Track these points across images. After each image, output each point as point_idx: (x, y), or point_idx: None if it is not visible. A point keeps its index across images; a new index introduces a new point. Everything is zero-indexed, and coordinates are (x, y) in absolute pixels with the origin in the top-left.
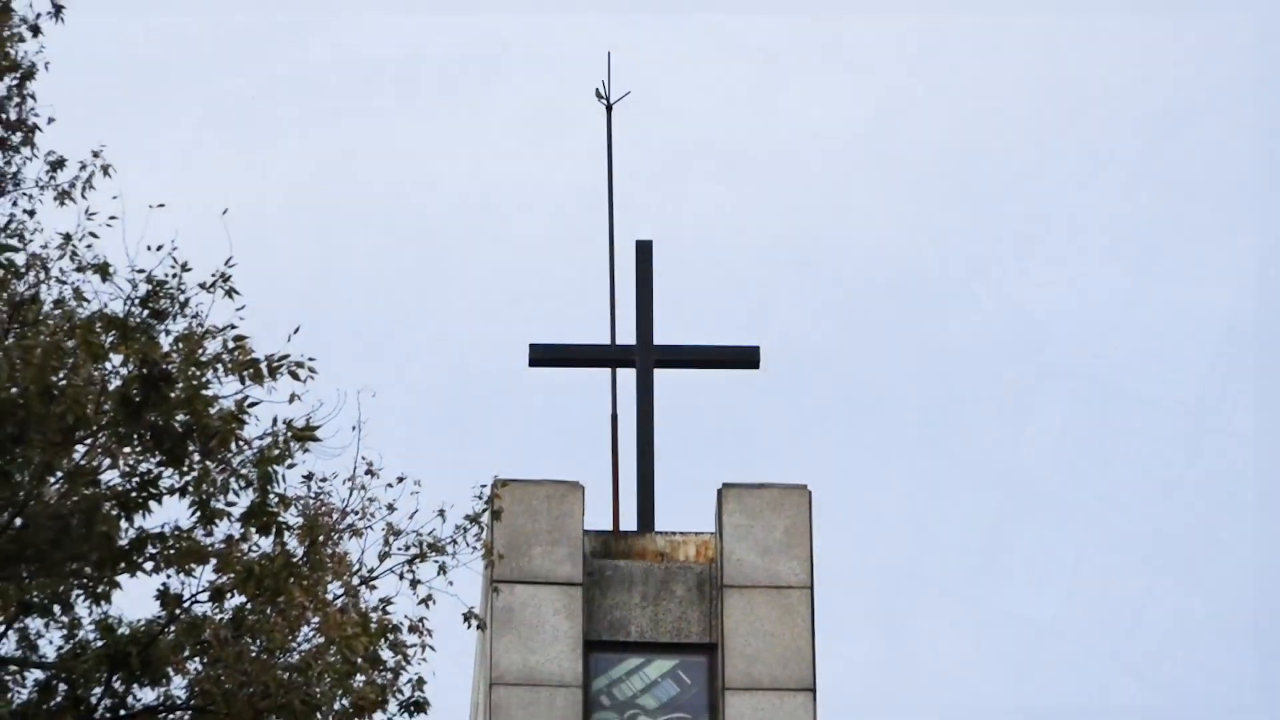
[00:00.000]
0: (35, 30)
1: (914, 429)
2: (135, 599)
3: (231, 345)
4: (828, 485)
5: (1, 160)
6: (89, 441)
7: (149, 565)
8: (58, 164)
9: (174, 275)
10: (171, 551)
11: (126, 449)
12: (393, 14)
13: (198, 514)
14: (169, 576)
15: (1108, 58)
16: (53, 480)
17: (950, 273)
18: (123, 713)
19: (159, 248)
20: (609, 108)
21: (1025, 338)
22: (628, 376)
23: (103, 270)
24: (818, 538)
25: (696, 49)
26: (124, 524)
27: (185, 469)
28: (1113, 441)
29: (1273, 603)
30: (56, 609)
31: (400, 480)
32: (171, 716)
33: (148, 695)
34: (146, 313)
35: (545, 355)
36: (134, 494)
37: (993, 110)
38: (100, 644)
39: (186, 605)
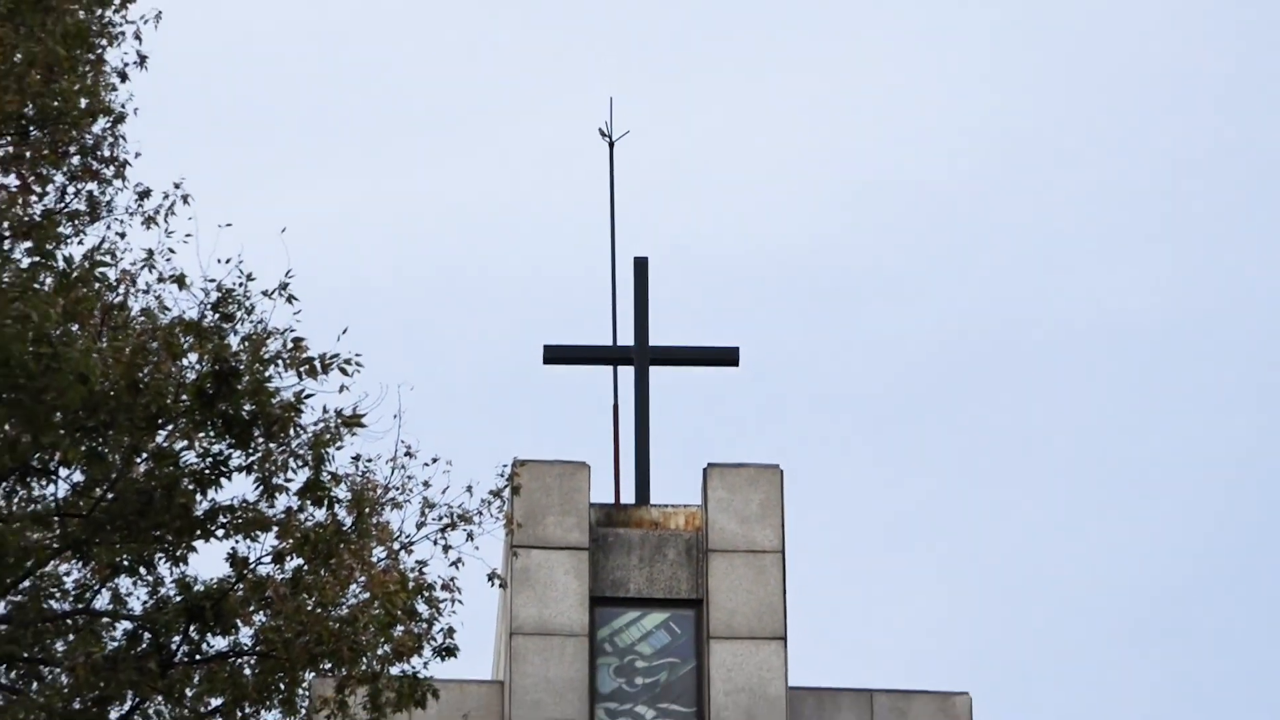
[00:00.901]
0: (124, 77)
1: (871, 417)
2: (209, 561)
3: (290, 345)
4: (797, 465)
5: (97, 191)
6: (169, 428)
7: (220, 532)
8: (144, 194)
9: (240, 285)
10: (239, 521)
11: (201, 434)
12: (431, 66)
13: (261, 489)
14: (237, 542)
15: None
16: (138, 460)
17: (899, 283)
18: (198, 657)
19: (228, 261)
20: (611, 144)
21: (964, 337)
22: (627, 373)
23: (180, 281)
24: (788, 510)
25: (686, 95)
26: (199, 497)
27: (251, 451)
28: (1042, 423)
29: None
30: (142, 570)
31: (434, 461)
32: (239, 660)
33: (219, 643)
34: (218, 317)
35: (557, 355)
36: (207, 472)
37: (932, 150)
38: (179, 599)
39: (252, 566)
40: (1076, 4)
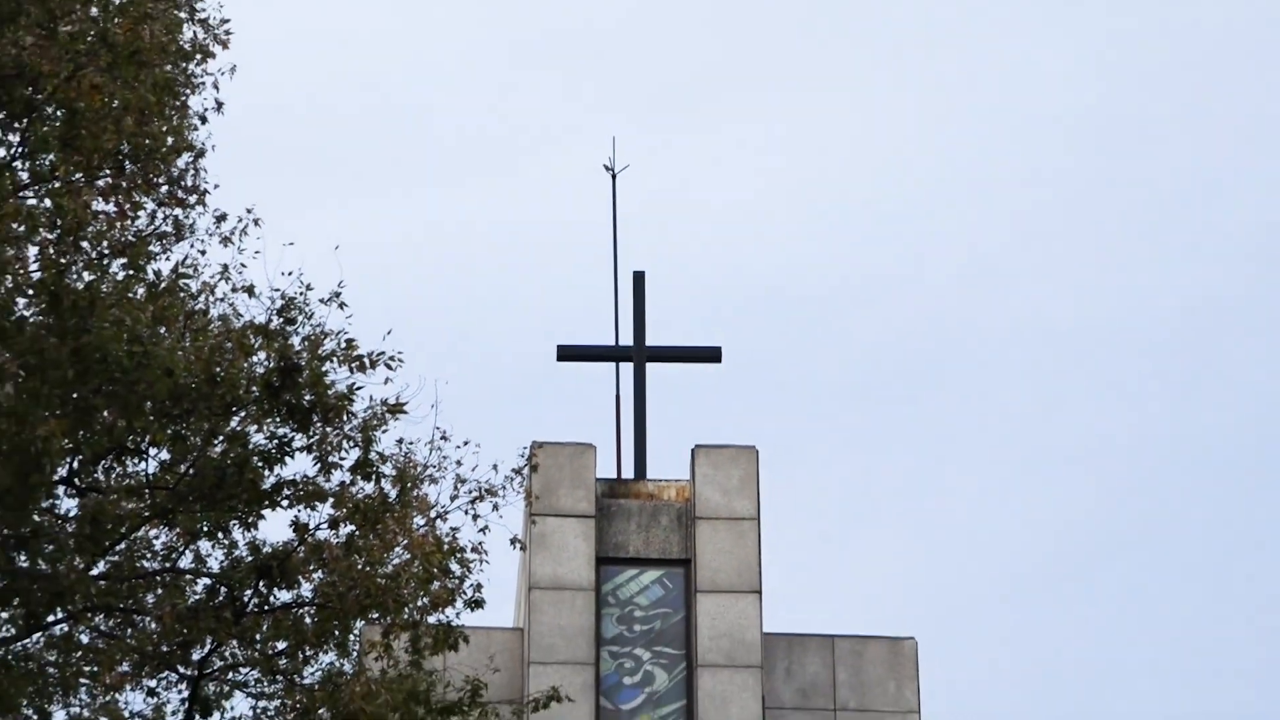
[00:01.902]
0: (204, 120)
1: (834, 405)
2: (275, 527)
3: (343, 344)
4: (771, 446)
5: (181, 215)
6: (241, 414)
7: (284, 503)
8: (221, 218)
9: (301, 294)
10: (300, 493)
11: (268, 420)
12: (464, 112)
13: (319, 466)
14: (299, 511)
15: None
16: (215, 442)
17: (860, 294)
18: (266, 608)
19: (290, 274)
20: (613, 176)
21: (913, 340)
22: (627, 369)
23: (250, 291)
24: (763, 483)
25: (677, 135)
26: (266, 473)
27: (310, 434)
28: (976, 410)
29: None
30: (219, 534)
31: (465, 443)
32: (301, 610)
33: (284, 595)
34: (282, 321)
35: (568, 353)
36: (273, 452)
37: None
38: (250, 559)
39: (312, 532)
40: (1003, 64)
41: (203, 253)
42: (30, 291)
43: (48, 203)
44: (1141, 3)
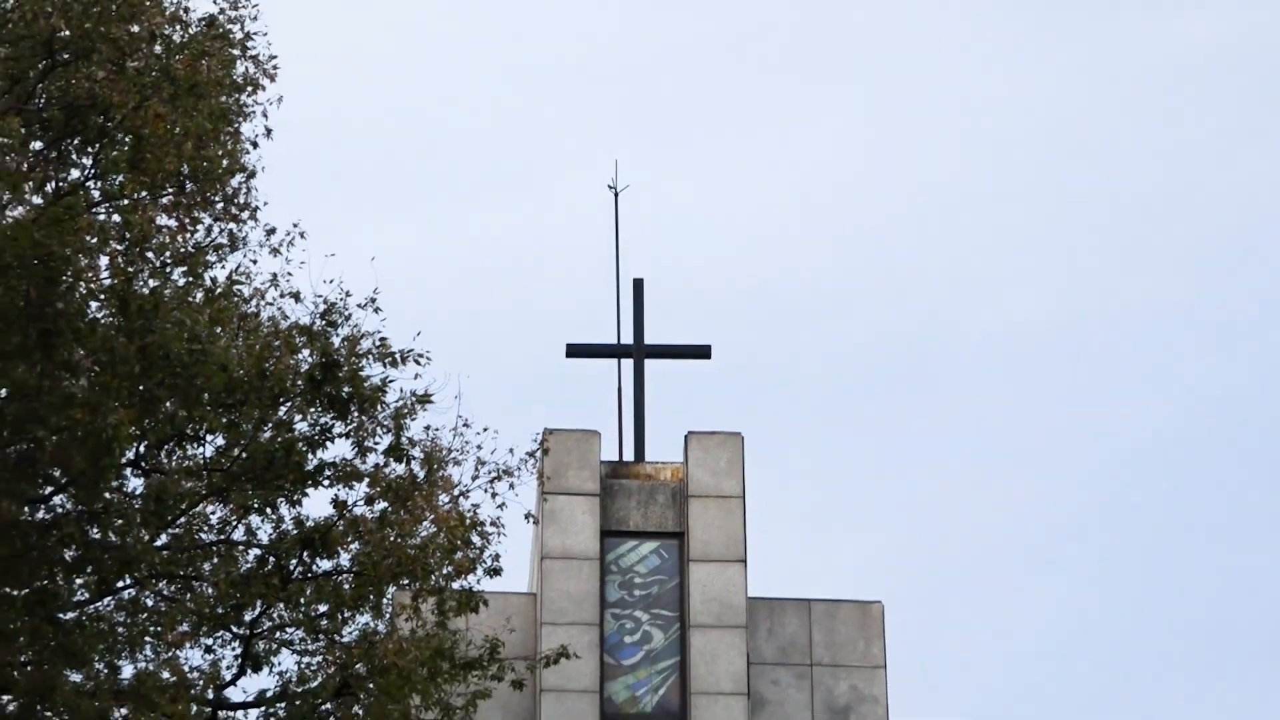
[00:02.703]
0: (255, 145)
1: (811, 397)
2: (317, 504)
3: (377, 343)
4: (754, 433)
5: (235, 229)
6: (287, 404)
7: (325, 482)
8: (270, 231)
9: (341, 299)
10: (339, 474)
11: (311, 409)
12: (483, 137)
13: (356, 450)
14: (338, 490)
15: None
16: (265, 429)
17: (836, 299)
18: (309, 575)
19: (331, 281)
20: (616, 195)
21: (885, 339)
22: (628, 364)
23: (296, 296)
24: (748, 466)
25: (671, 158)
26: (310, 456)
27: (348, 422)
28: (945, 400)
29: None
30: (268, 510)
31: (485, 430)
32: (340, 577)
33: (325, 564)
34: (324, 323)
35: (576, 351)
36: (316, 437)
37: (862, 200)
38: (295, 532)
39: (349, 508)
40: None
41: (254, 262)
42: (102, 296)
43: (117, 218)
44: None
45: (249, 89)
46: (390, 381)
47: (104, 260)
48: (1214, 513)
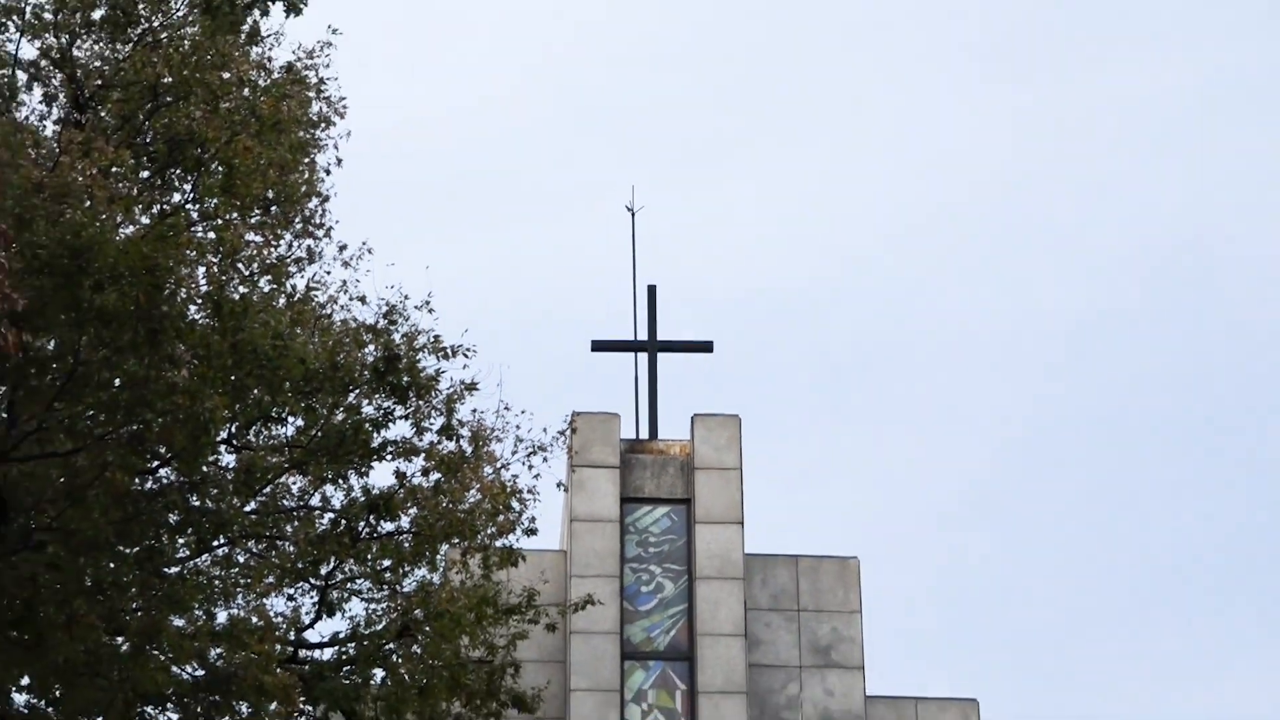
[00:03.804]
0: (328, 172)
1: (800, 383)
2: (382, 475)
3: (432, 340)
4: (750, 414)
5: (312, 244)
6: (356, 392)
7: (388, 457)
8: (342, 247)
9: (400, 302)
10: (400, 450)
11: (376, 395)
12: (521, 168)
13: (414, 430)
14: (399, 463)
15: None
16: (337, 412)
17: (824, 300)
18: (374, 535)
19: (392, 287)
20: (633, 215)
21: (864, 336)
22: (644, 357)
23: (362, 300)
24: (744, 442)
25: (681, 181)
26: (375, 435)
27: (407, 406)
28: (910, 384)
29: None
30: (340, 480)
31: (522, 412)
32: (401, 537)
33: (388, 526)
34: (386, 322)
35: (600, 346)
36: (380, 419)
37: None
38: (363, 499)
39: (409, 479)
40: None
41: (328, 273)
42: (199, 301)
43: (212, 235)
44: (1041, 78)
45: (322, 125)
46: (442, 372)
47: (201, 271)
48: (1127, 477)
